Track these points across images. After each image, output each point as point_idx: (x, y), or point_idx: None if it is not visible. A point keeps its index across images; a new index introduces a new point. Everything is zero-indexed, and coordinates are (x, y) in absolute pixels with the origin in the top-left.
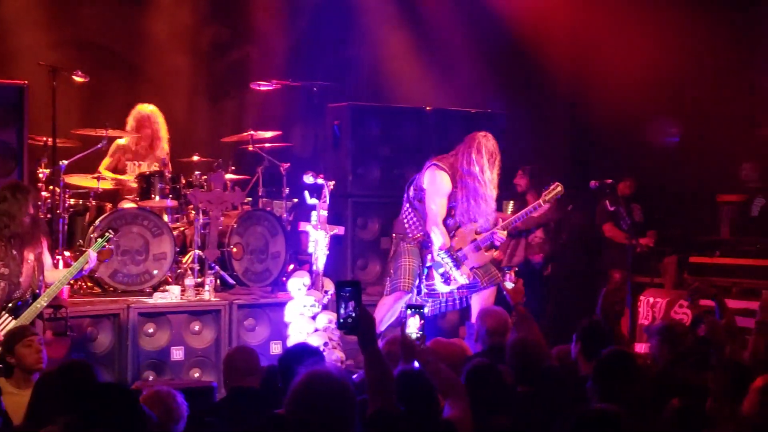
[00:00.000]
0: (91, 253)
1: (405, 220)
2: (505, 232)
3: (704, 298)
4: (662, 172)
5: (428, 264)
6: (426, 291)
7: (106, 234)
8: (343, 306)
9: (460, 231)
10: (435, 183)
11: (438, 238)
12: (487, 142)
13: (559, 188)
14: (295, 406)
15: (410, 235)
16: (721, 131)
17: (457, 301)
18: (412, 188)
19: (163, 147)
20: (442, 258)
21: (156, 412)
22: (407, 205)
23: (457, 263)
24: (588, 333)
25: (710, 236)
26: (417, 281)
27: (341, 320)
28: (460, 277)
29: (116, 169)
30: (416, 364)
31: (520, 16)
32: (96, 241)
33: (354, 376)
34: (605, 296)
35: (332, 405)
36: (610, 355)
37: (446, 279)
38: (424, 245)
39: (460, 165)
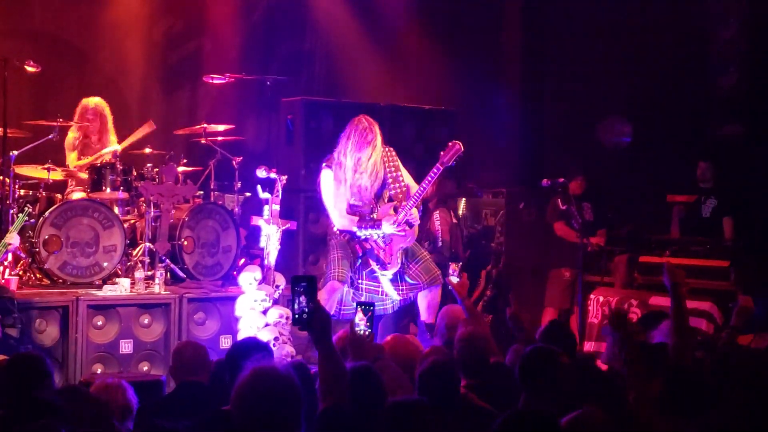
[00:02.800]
0: (10, 236)
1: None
2: (415, 210)
3: (678, 281)
4: (614, 171)
5: (360, 254)
6: (366, 285)
7: (25, 209)
8: (297, 301)
9: (379, 214)
10: (321, 183)
11: (347, 224)
12: (357, 124)
13: (456, 146)
14: (241, 402)
15: (337, 233)
16: (674, 131)
17: (396, 304)
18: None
19: (112, 139)
20: (363, 234)
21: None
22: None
23: (377, 225)
24: (549, 334)
25: (661, 236)
26: (350, 272)
27: (296, 315)
28: (388, 228)
29: (62, 157)
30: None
31: (473, 13)
32: (17, 217)
33: (314, 371)
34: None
35: (277, 401)
36: (533, 353)
37: (381, 264)
38: (352, 237)
39: (341, 156)
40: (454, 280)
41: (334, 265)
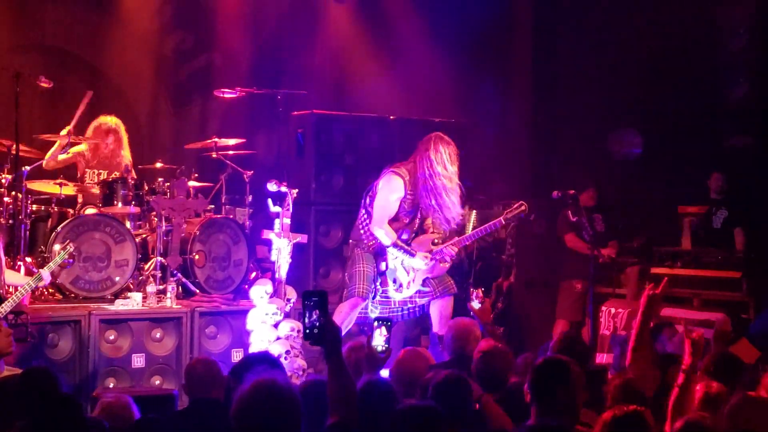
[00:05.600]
0: (45, 272)
1: (360, 227)
2: (456, 249)
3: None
4: (624, 182)
5: (382, 270)
6: (379, 297)
7: (68, 247)
8: (308, 316)
9: (417, 240)
10: (387, 186)
11: (383, 236)
12: (442, 140)
13: (523, 207)
14: (239, 414)
15: (365, 241)
16: (684, 142)
17: (414, 310)
18: (368, 196)
19: (125, 157)
20: (393, 253)
21: (111, 422)
22: (363, 211)
23: (411, 252)
24: (565, 345)
25: (672, 247)
26: (372, 286)
27: (307, 330)
28: (418, 263)
29: (71, 172)
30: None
31: (483, 25)
32: (58, 254)
33: None
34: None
35: (276, 414)
36: (545, 364)
37: (399, 286)
38: (379, 252)
39: (420, 168)
40: (476, 305)
41: (359, 280)
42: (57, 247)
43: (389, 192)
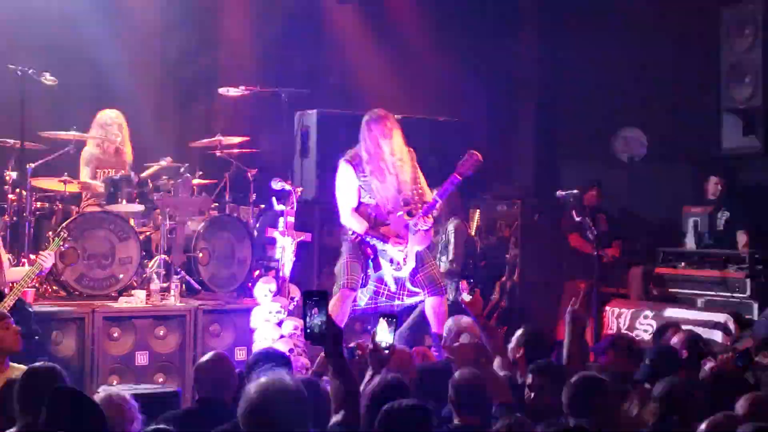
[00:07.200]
0: (49, 253)
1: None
2: (431, 218)
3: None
4: (629, 182)
5: (371, 256)
6: (373, 285)
7: (62, 233)
8: (309, 315)
9: (392, 218)
10: (338, 177)
11: (355, 225)
12: (370, 117)
13: (474, 156)
14: (247, 413)
15: (349, 232)
16: (689, 143)
17: (400, 306)
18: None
19: (128, 152)
20: (370, 240)
21: (108, 415)
22: None
23: (384, 239)
24: (530, 339)
25: (676, 247)
26: (362, 275)
27: (308, 330)
28: (392, 250)
29: (94, 177)
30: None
31: (488, 23)
32: (53, 240)
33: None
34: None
35: (284, 412)
36: (581, 384)
37: (397, 264)
38: (363, 241)
39: (365, 151)
40: (467, 298)
41: (345, 272)
42: (50, 233)
43: (341, 180)
